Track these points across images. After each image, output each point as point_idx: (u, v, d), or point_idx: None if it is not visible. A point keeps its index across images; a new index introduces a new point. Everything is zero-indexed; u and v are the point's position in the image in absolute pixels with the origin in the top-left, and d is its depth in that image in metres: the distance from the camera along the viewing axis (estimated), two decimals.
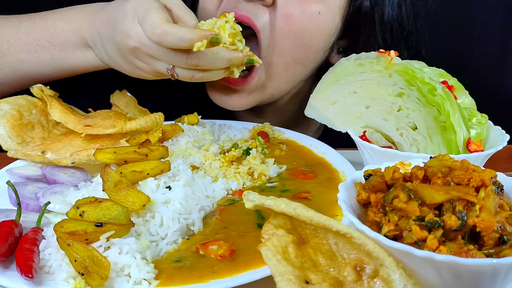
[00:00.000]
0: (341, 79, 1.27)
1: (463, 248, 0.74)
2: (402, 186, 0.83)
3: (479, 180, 0.80)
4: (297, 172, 1.23)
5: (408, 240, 0.77)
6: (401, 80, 1.19)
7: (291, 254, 0.80)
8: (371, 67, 1.24)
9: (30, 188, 1.13)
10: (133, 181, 1.04)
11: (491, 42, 1.92)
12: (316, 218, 0.81)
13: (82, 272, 0.84)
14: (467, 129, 1.14)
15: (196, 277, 0.88)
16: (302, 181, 1.19)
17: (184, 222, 1.00)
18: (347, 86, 1.26)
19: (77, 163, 1.20)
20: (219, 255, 0.93)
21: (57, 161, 1.22)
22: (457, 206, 0.77)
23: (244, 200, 0.88)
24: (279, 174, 1.23)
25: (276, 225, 0.84)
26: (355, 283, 0.78)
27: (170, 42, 1.16)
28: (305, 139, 1.40)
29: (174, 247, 0.97)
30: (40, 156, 1.23)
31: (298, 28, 1.39)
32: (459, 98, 1.26)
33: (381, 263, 0.76)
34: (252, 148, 1.29)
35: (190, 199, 1.04)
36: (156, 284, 0.87)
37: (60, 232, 0.90)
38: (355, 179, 0.92)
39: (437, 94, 1.13)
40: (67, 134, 1.28)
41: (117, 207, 0.94)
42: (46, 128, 1.33)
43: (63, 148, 1.23)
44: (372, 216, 0.84)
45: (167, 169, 1.07)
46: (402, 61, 1.24)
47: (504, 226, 0.78)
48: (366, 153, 1.19)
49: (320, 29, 1.43)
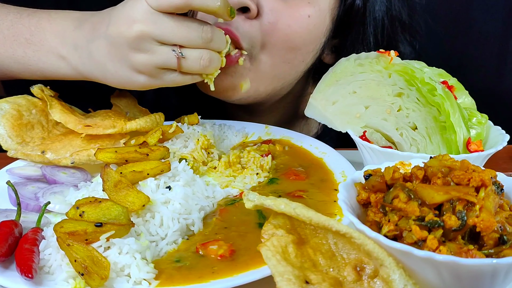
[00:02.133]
0: (341, 79, 1.27)
1: (463, 248, 0.74)
2: (402, 186, 0.83)
3: (479, 180, 0.80)
4: (289, 173, 1.22)
5: (408, 240, 0.77)
6: (401, 80, 1.19)
7: (291, 254, 0.80)
8: (371, 67, 1.24)
9: (30, 188, 1.13)
10: (133, 181, 1.04)
11: (491, 42, 1.92)
12: (315, 218, 0.80)
13: (82, 272, 0.84)
14: (467, 129, 1.14)
15: (196, 277, 0.88)
16: (293, 182, 1.19)
17: (184, 222, 1.00)
18: (347, 86, 1.26)
19: (76, 163, 1.20)
20: (219, 255, 0.93)
21: (57, 161, 1.22)
22: (457, 206, 0.77)
23: (244, 200, 0.88)
24: (271, 173, 1.23)
25: (276, 225, 0.84)
26: (355, 283, 0.78)
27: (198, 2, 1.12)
28: (305, 139, 1.40)
29: (174, 247, 0.97)
30: (40, 156, 1.23)
31: (286, 33, 1.37)
32: (459, 98, 1.26)
33: (381, 263, 0.76)
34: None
35: (190, 199, 1.04)
36: (156, 284, 0.87)
37: (60, 232, 0.90)
38: (355, 179, 0.92)
39: (437, 94, 1.13)
40: (67, 134, 1.28)
41: (117, 207, 0.94)
42: (46, 128, 1.32)
43: (63, 148, 1.24)
44: (372, 216, 0.84)
45: (167, 169, 1.07)
46: (402, 61, 1.24)
47: (504, 226, 0.78)
48: (366, 153, 1.19)
49: (310, 32, 1.41)
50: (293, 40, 1.39)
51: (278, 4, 1.35)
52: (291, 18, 1.36)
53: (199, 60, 1.17)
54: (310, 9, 1.39)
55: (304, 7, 1.38)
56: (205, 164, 1.24)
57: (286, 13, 1.36)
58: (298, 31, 1.38)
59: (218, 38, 1.19)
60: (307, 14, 1.38)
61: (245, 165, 1.26)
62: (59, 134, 1.31)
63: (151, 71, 1.17)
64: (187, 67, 1.18)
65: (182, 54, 1.15)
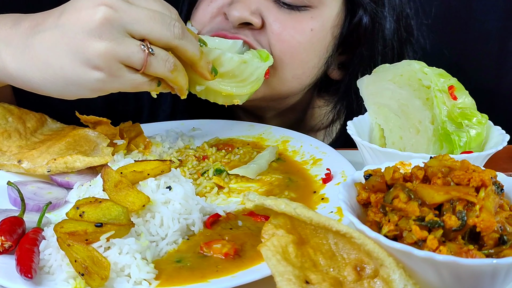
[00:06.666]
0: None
1: (463, 248, 0.74)
2: (402, 186, 0.83)
3: (479, 180, 0.80)
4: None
5: (408, 240, 0.77)
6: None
7: (291, 254, 0.80)
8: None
9: (29, 188, 1.13)
10: (133, 181, 1.03)
11: (491, 41, 1.92)
12: (316, 218, 0.81)
13: (82, 272, 0.84)
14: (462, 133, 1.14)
15: (197, 276, 0.89)
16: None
17: (184, 222, 1.00)
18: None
19: (53, 171, 1.16)
20: (224, 254, 0.93)
21: (32, 170, 1.17)
22: (457, 206, 0.77)
23: (244, 200, 0.88)
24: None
25: (276, 225, 0.84)
26: (355, 283, 0.78)
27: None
28: (305, 138, 1.40)
29: (174, 247, 0.97)
30: (16, 166, 1.18)
31: (291, 44, 1.39)
32: (459, 98, 1.26)
33: (381, 263, 0.76)
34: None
35: (190, 199, 1.03)
36: (156, 285, 0.87)
37: (60, 232, 0.90)
38: (355, 179, 0.92)
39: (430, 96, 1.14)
40: (45, 141, 1.23)
41: (117, 207, 0.94)
42: (24, 135, 1.25)
43: (40, 156, 1.18)
44: (372, 216, 0.84)
45: (167, 170, 1.07)
46: (403, 62, 1.24)
47: (504, 226, 0.78)
48: (366, 153, 1.19)
49: (314, 46, 1.44)
50: (298, 52, 1.41)
51: (282, 15, 1.38)
52: (294, 30, 1.39)
53: (165, 62, 1.07)
54: (313, 23, 1.41)
55: (307, 21, 1.40)
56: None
57: (290, 25, 1.38)
58: (302, 43, 1.40)
59: (189, 39, 1.11)
60: (309, 28, 1.41)
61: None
62: (37, 142, 1.25)
63: (110, 65, 1.02)
64: (153, 67, 1.06)
65: (152, 50, 1.04)
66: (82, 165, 1.17)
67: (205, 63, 1.16)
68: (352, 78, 1.53)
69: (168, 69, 1.08)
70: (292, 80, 1.46)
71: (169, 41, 1.07)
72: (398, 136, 1.23)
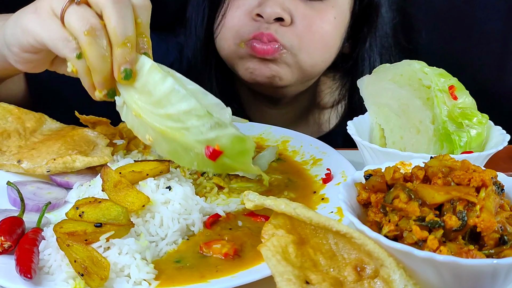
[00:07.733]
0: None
1: (464, 249, 0.74)
2: (403, 186, 0.82)
3: (480, 180, 0.80)
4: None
5: (408, 241, 0.76)
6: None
7: (291, 254, 0.80)
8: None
9: (29, 188, 1.13)
10: (133, 181, 1.03)
11: (491, 41, 1.92)
12: (316, 218, 0.80)
13: (81, 272, 0.84)
14: (462, 133, 1.14)
15: (197, 277, 0.89)
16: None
17: (184, 223, 1.00)
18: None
19: (52, 171, 1.15)
20: (223, 254, 0.93)
21: (32, 170, 1.16)
22: (457, 206, 0.77)
23: (244, 200, 0.88)
24: None
25: (276, 225, 0.84)
26: (355, 283, 0.77)
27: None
28: (305, 138, 1.40)
29: (174, 247, 0.97)
30: (16, 166, 1.17)
31: (320, 34, 1.54)
32: (460, 98, 1.26)
33: (382, 263, 0.76)
34: None
35: (190, 199, 1.03)
36: (156, 285, 0.87)
37: (59, 232, 0.90)
38: (355, 179, 0.92)
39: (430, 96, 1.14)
40: (45, 141, 1.23)
41: (117, 207, 0.94)
42: (23, 135, 1.25)
43: (39, 156, 1.18)
44: (372, 216, 0.84)
45: (166, 171, 1.07)
46: (403, 62, 1.24)
47: (504, 226, 0.78)
48: (367, 153, 1.19)
49: (338, 31, 1.60)
50: (327, 39, 1.58)
51: (309, 11, 1.53)
52: (321, 21, 1.55)
53: (84, 18, 0.96)
54: (334, 11, 1.56)
55: (330, 11, 1.56)
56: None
57: (317, 18, 1.54)
58: (330, 31, 1.57)
59: (123, 13, 0.97)
60: (333, 16, 1.57)
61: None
62: (37, 142, 1.24)
63: (41, 5, 1.01)
64: (69, 17, 0.97)
65: (78, 1, 0.97)
66: (81, 165, 1.17)
67: (122, 56, 0.98)
68: (361, 49, 1.68)
69: (83, 28, 0.95)
70: (321, 64, 1.62)
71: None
72: (399, 136, 1.22)
